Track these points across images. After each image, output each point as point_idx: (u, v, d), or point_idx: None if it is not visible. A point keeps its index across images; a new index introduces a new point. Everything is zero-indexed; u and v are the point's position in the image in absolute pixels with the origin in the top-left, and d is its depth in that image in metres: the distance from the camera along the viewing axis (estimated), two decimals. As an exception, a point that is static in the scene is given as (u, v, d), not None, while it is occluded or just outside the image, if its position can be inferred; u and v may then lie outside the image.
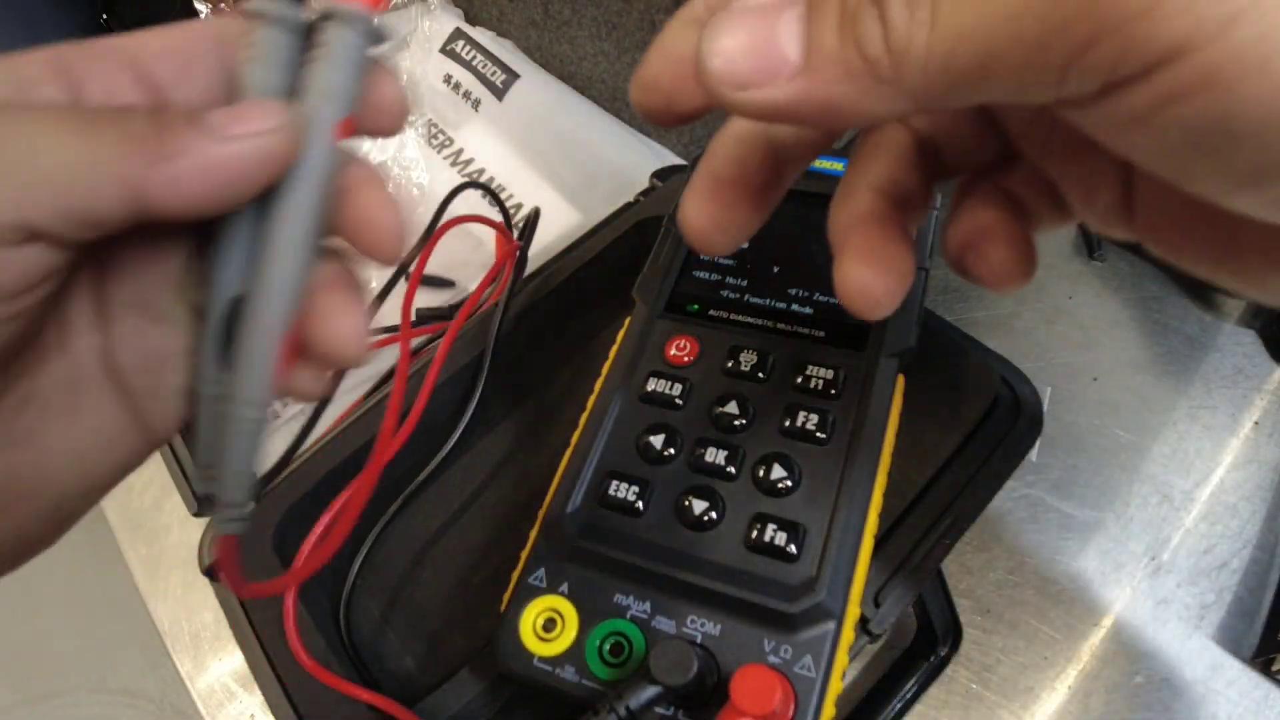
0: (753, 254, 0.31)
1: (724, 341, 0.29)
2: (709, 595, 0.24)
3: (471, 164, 0.54)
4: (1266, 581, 0.36)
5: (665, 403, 0.28)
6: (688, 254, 0.32)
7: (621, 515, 0.26)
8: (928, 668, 0.35)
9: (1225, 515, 0.38)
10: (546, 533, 0.26)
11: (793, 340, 0.29)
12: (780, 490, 0.25)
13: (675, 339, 0.29)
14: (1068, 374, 0.42)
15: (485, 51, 0.56)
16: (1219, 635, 0.36)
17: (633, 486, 0.26)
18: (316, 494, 0.34)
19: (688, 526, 0.25)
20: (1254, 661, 0.35)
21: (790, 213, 0.23)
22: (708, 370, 0.28)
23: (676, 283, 0.31)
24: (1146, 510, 0.39)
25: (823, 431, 0.26)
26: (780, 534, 0.24)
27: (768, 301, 0.30)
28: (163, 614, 0.45)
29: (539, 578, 0.25)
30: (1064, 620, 0.37)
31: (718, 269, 0.31)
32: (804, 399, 0.27)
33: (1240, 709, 0.34)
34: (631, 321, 0.31)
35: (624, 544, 0.25)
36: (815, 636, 0.23)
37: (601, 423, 0.28)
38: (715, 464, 0.26)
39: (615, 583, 0.25)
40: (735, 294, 0.31)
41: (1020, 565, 0.38)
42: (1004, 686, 0.36)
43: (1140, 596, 0.37)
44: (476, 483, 0.36)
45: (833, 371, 0.27)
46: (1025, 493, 0.39)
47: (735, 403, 0.27)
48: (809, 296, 0.30)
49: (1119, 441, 0.40)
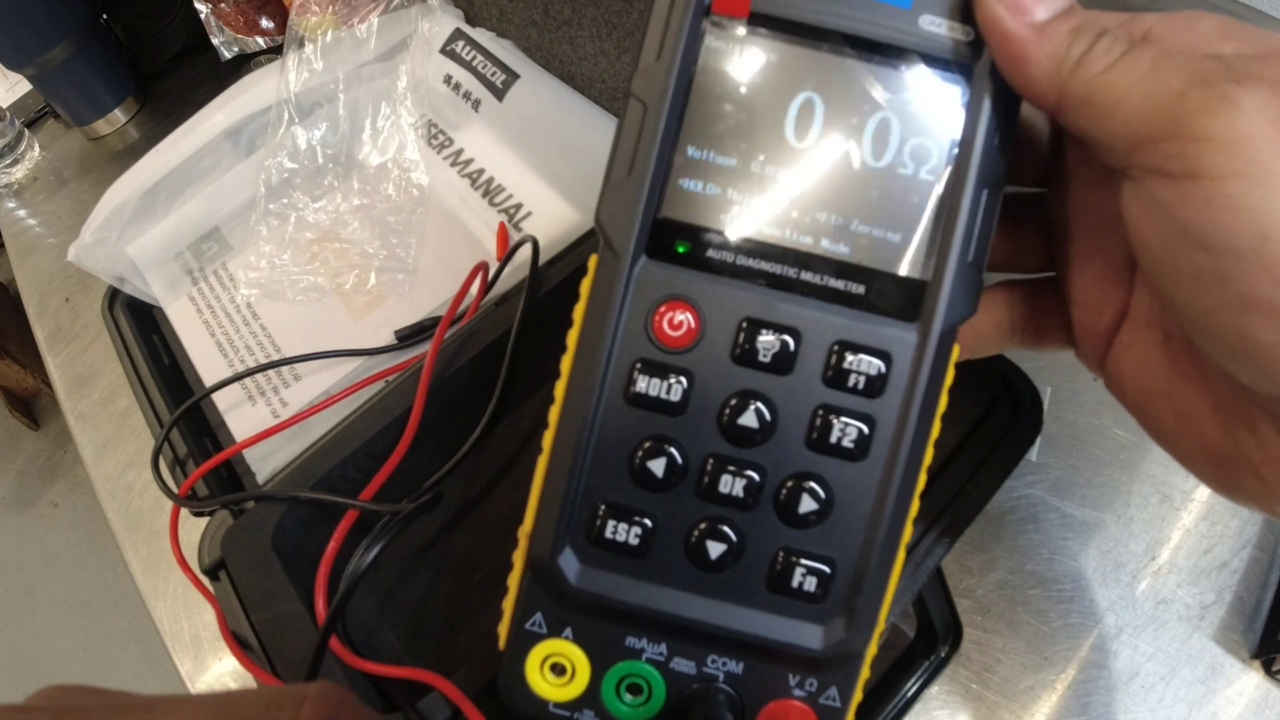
0: (765, 144, 0.22)
1: (734, 311, 0.21)
2: (728, 637, 0.22)
3: (471, 164, 0.54)
4: (1266, 581, 0.36)
5: (661, 407, 0.22)
6: (671, 143, 0.22)
7: (621, 557, 0.22)
8: (928, 668, 0.35)
9: (1225, 515, 0.38)
10: (536, 578, 0.22)
11: (823, 305, 0.21)
12: (808, 521, 0.22)
13: (665, 307, 0.21)
14: (1068, 374, 0.42)
15: (485, 52, 0.57)
16: (1219, 635, 0.36)
17: (632, 528, 0.22)
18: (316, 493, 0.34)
19: (700, 568, 0.22)
20: (1254, 661, 0.35)
21: (809, 66, 0.21)
22: (713, 356, 0.21)
23: (659, 203, 0.21)
24: (1146, 510, 0.39)
25: (861, 446, 0.21)
26: (809, 577, 0.21)
27: (789, 235, 0.22)
28: (163, 614, 0.45)
29: (537, 623, 0.22)
30: (1064, 620, 0.37)
31: (715, 175, 0.22)
32: (839, 399, 0.21)
33: (1240, 709, 0.34)
34: (599, 272, 0.22)
35: (628, 590, 0.22)
36: (843, 671, 0.22)
37: (581, 435, 0.22)
38: (731, 494, 0.22)
39: (624, 627, 0.22)
40: (743, 223, 0.22)
41: (1020, 565, 0.38)
42: (1004, 686, 0.36)
43: (1140, 596, 0.37)
44: (478, 486, 0.36)
45: (879, 362, 0.21)
46: (1025, 493, 0.39)
47: (754, 411, 0.21)
48: (846, 226, 0.21)
49: (1119, 441, 0.40)
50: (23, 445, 1.69)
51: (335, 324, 0.49)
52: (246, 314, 0.51)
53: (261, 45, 0.67)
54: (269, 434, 0.41)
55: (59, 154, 0.73)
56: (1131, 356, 0.23)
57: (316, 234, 0.53)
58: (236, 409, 0.47)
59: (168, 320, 0.52)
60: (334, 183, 0.54)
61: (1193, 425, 0.21)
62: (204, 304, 0.52)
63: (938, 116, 0.21)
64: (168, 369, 0.49)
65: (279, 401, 0.46)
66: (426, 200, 0.53)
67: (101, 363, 0.56)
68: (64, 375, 0.57)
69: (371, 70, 0.57)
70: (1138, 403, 0.23)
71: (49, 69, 0.67)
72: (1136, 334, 0.23)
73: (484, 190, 0.52)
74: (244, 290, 0.51)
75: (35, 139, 0.74)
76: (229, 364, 0.49)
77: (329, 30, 0.57)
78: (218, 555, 0.34)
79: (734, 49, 0.21)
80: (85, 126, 0.71)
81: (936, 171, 0.21)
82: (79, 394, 0.55)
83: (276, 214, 0.53)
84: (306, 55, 0.56)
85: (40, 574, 1.53)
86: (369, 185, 0.54)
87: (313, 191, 0.54)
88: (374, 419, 0.37)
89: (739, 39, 0.21)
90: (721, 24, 0.21)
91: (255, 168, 0.54)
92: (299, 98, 0.55)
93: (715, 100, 0.22)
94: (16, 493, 1.64)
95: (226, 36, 0.66)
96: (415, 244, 0.51)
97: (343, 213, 0.53)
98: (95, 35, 0.68)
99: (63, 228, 0.67)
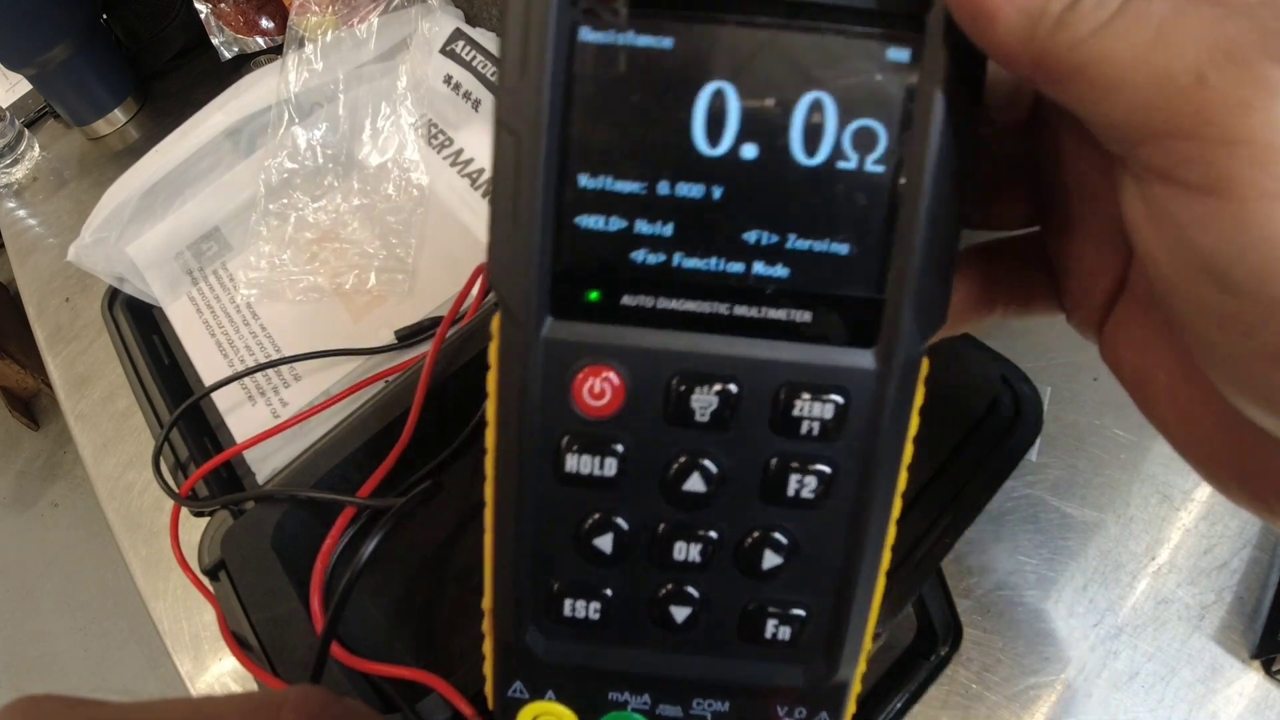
0: (672, 158, 0.18)
1: (660, 367, 0.19)
2: (708, 681, 0.21)
3: (471, 164, 0.54)
4: (1266, 581, 0.36)
5: (597, 484, 0.19)
6: (558, 176, 0.18)
7: (586, 629, 0.21)
8: (928, 668, 0.35)
9: (1225, 515, 0.38)
10: (507, 654, 0.22)
11: (763, 342, 0.18)
12: (774, 574, 0.20)
13: (583, 373, 0.19)
14: (1068, 374, 0.42)
15: (485, 52, 0.56)
16: (1219, 635, 0.36)
17: (591, 603, 0.20)
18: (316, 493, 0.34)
19: (668, 630, 0.21)
20: (1254, 661, 0.35)
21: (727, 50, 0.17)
22: (645, 421, 0.19)
23: (556, 251, 0.18)
24: (1146, 510, 0.39)
25: (822, 494, 0.19)
26: (782, 627, 0.20)
27: (714, 264, 0.18)
28: (163, 614, 0.45)
29: (518, 690, 0.22)
30: (1064, 620, 0.37)
31: (617, 205, 0.18)
32: (793, 447, 0.19)
33: (1240, 709, 0.34)
34: (503, 341, 0.19)
35: (599, 657, 0.21)
36: (832, 699, 0.21)
37: (519, 519, 0.20)
38: (685, 560, 0.20)
39: (604, 684, 0.22)
40: (658, 255, 0.18)
41: (1020, 565, 0.38)
42: (1004, 686, 0.36)
43: (1140, 596, 0.37)
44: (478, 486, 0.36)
45: (833, 401, 0.18)
46: (1025, 493, 0.39)
47: (698, 476, 0.19)
48: (781, 244, 0.18)
49: (1119, 441, 0.40)
50: (23, 445, 1.69)
51: (335, 324, 0.49)
52: (246, 314, 0.51)
53: (261, 45, 0.67)
54: (269, 434, 0.41)
55: (59, 154, 0.73)
56: (1130, 339, 0.19)
57: (316, 234, 0.53)
58: (236, 409, 0.47)
59: (168, 320, 0.52)
60: (334, 183, 0.54)
61: (1196, 429, 0.18)
62: (204, 304, 0.52)
63: (883, 90, 0.17)
64: (168, 369, 0.49)
65: (279, 401, 0.46)
66: (426, 200, 0.53)
67: (101, 363, 0.56)
68: (64, 375, 0.57)
69: (371, 70, 0.57)
70: (1135, 388, 0.19)
71: (49, 69, 0.67)
72: (1136, 314, 0.19)
73: (484, 190, 0.52)
74: (244, 290, 0.51)
75: (35, 139, 0.74)
76: (229, 364, 0.49)
77: (329, 30, 0.57)
78: (218, 555, 0.34)
79: (616, 42, 0.17)
80: (85, 126, 0.71)
81: (886, 160, 0.17)
82: (79, 394, 0.55)
83: (276, 214, 0.53)
84: (306, 55, 0.56)
85: (40, 574, 1.53)
86: (369, 185, 0.54)
87: (313, 191, 0.54)
88: (374, 419, 0.37)
89: (620, 26, 0.17)
90: (596, 12, 0.17)
91: (255, 168, 0.54)
92: (299, 98, 0.55)
93: (603, 112, 0.18)
94: (16, 493, 1.64)
95: (226, 36, 0.66)
96: (415, 244, 0.51)
97: (343, 213, 0.53)
98: (95, 35, 0.68)
99: (63, 228, 0.67)
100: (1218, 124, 0.12)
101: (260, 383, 0.47)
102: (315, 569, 0.33)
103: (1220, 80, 0.12)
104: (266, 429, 0.42)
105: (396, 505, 0.33)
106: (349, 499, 0.34)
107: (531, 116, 0.17)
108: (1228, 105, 0.12)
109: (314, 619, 0.32)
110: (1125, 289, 0.19)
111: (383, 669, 0.31)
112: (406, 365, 0.43)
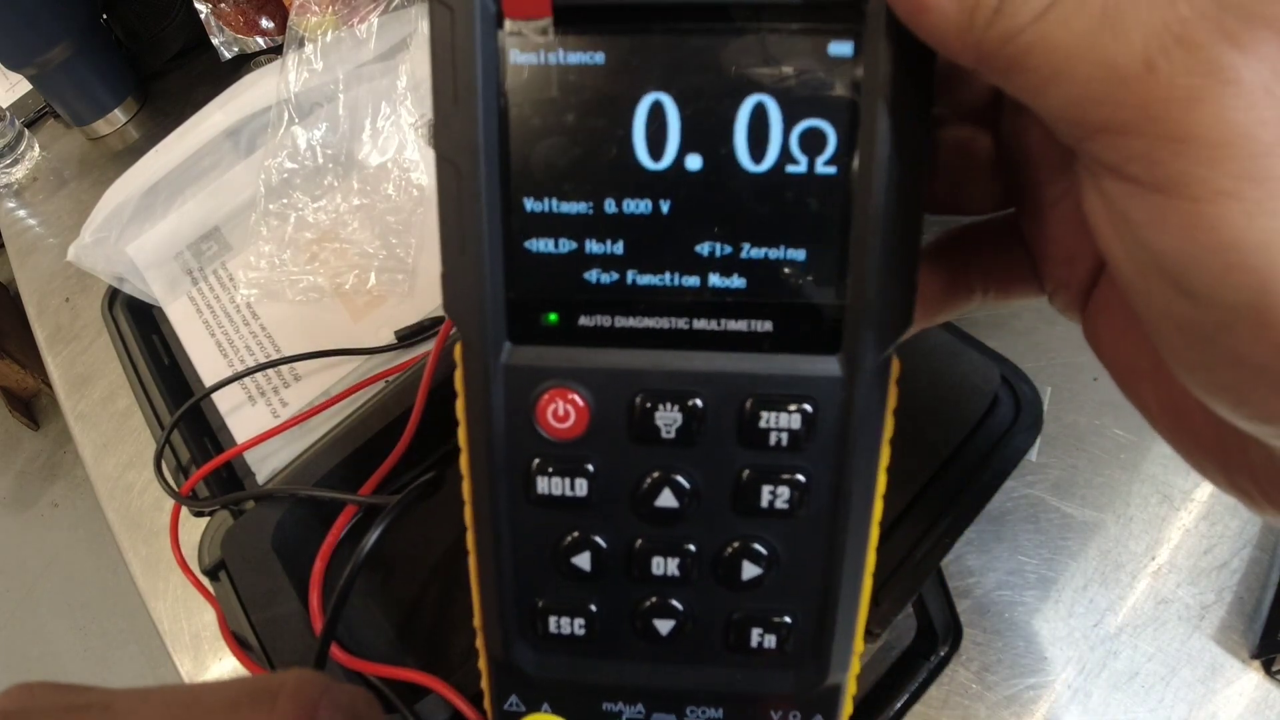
0: (615, 174, 0.17)
1: (622, 387, 0.19)
2: (700, 690, 0.21)
3: (471, 164, 0.54)
4: (1266, 581, 0.36)
5: (569, 505, 0.20)
6: (502, 202, 0.18)
7: (573, 644, 0.21)
8: (928, 668, 0.35)
9: (1225, 515, 0.38)
10: (499, 670, 0.22)
11: (725, 355, 0.18)
12: (755, 584, 0.20)
13: (546, 397, 0.19)
14: (1068, 374, 0.42)
15: (485, 51, 0.56)
16: (1219, 635, 0.36)
17: (575, 619, 0.21)
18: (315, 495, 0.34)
19: (653, 643, 0.21)
20: (1254, 661, 0.35)
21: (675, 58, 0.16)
22: (612, 441, 0.19)
23: (508, 278, 0.18)
24: (1146, 510, 0.39)
25: (796, 503, 0.19)
26: (767, 636, 0.20)
27: (669, 280, 0.18)
28: (163, 614, 0.45)
29: (514, 704, 0.22)
30: (1064, 620, 0.37)
31: (565, 227, 0.18)
32: (762, 459, 0.19)
33: (1240, 709, 0.34)
34: (466, 369, 0.19)
35: (588, 670, 0.21)
36: (826, 701, 0.21)
37: (498, 542, 0.20)
38: (665, 575, 0.20)
39: (597, 696, 0.22)
40: (611, 274, 0.18)
41: (1020, 565, 0.38)
42: (1004, 687, 0.36)
43: (1140, 596, 0.37)
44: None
45: (799, 411, 0.18)
46: (1025, 493, 0.39)
47: (669, 492, 0.19)
48: (735, 255, 0.18)
49: (1119, 441, 0.40)
50: (23, 445, 1.69)
51: (335, 324, 0.49)
52: (246, 314, 0.51)
53: (261, 45, 0.67)
54: (269, 435, 0.41)
55: (59, 154, 0.73)
56: (1111, 323, 0.18)
57: (316, 234, 0.53)
58: (237, 409, 0.47)
59: (167, 320, 0.52)
60: (334, 183, 0.54)
61: (1179, 414, 0.17)
62: (204, 304, 0.52)
63: (827, 87, 0.16)
64: (168, 369, 0.49)
65: (279, 402, 0.46)
66: (426, 200, 0.53)
67: (101, 363, 0.56)
68: (64, 375, 0.57)
69: (371, 70, 0.57)
70: (1118, 371, 0.19)
71: (49, 69, 0.67)
72: (1116, 297, 0.18)
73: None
74: (244, 290, 0.51)
75: (35, 139, 0.74)
76: (229, 364, 0.49)
77: (329, 30, 0.57)
78: (218, 555, 0.34)
79: (547, 62, 0.17)
80: (85, 126, 0.71)
81: (837, 160, 0.17)
82: (79, 394, 0.55)
83: (276, 214, 0.53)
84: (306, 55, 0.56)
85: (40, 574, 1.53)
86: (369, 185, 0.54)
87: (313, 191, 0.54)
88: (374, 419, 0.37)
89: (549, 46, 0.17)
90: (522, 32, 0.17)
91: (255, 168, 0.54)
92: (299, 98, 0.55)
93: (542, 134, 0.17)
94: (16, 493, 1.64)
95: (226, 36, 0.66)
96: (415, 244, 0.51)
97: (342, 213, 0.53)
98: (95, 35, 0.68)
99: (63, 228, 0.67)
100: (1163, 119, 0.11)
101: (260, 383, 0.47)
102: (315, 568, 0.33)
103: (1169, 67, 0.11)
104: (267, 429, 0.42)
105: (399, 497, 0.33)
106: (349, 497, 0.34)
107: (469, 145, 0.17)
108: (1174, 98, 0.11)
109: (313, 618, 0.32)
110: (1105, 270, 0.18)
111: (382, 670, 0.31)
112: (407, 365, 0.43)
